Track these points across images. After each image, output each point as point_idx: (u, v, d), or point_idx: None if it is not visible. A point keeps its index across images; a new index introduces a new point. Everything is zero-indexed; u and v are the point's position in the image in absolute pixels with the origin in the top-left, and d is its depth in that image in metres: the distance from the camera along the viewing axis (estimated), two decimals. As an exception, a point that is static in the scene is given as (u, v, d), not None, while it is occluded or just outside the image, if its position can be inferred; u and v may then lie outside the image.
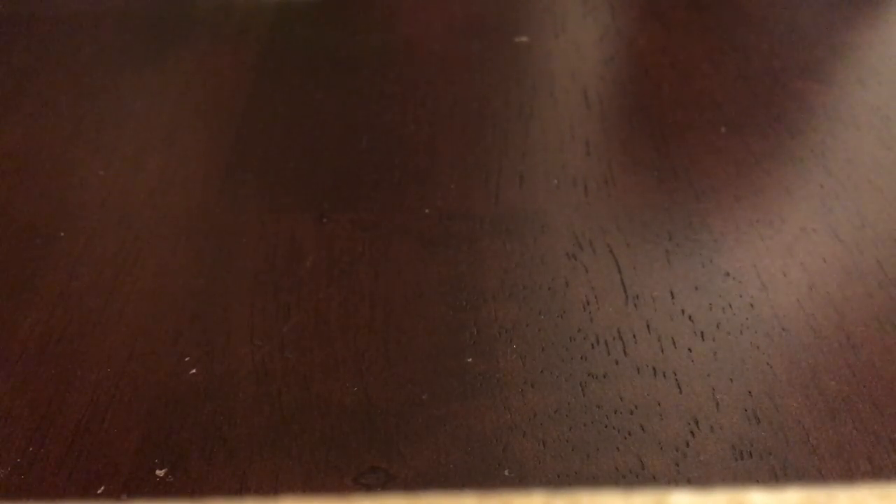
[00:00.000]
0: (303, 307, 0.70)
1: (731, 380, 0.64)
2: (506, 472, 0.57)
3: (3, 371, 0.65)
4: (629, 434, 0.59)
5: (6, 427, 0.61)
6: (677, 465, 0.57)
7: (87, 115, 0.95)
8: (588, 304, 0.70)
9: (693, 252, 0.76)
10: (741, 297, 0.70)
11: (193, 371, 0.65)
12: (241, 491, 0.56)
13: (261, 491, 0.56)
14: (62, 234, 0.78)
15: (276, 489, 0.56)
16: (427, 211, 0.80)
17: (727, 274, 0.73)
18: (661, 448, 0.58)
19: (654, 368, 0.64)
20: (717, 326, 0.68)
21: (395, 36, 1.08)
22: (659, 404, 0.62)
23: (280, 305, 0.70)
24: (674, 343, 0.67)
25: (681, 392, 0.63)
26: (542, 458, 0.58)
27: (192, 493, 0.56)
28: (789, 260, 0.74)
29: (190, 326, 0.69)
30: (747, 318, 0.68)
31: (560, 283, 0.72)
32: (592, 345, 0.66)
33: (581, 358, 0.65)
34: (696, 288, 0.72)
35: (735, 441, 0.59)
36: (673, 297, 0.71)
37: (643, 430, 0.60)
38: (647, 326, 0.68)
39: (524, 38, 1.06)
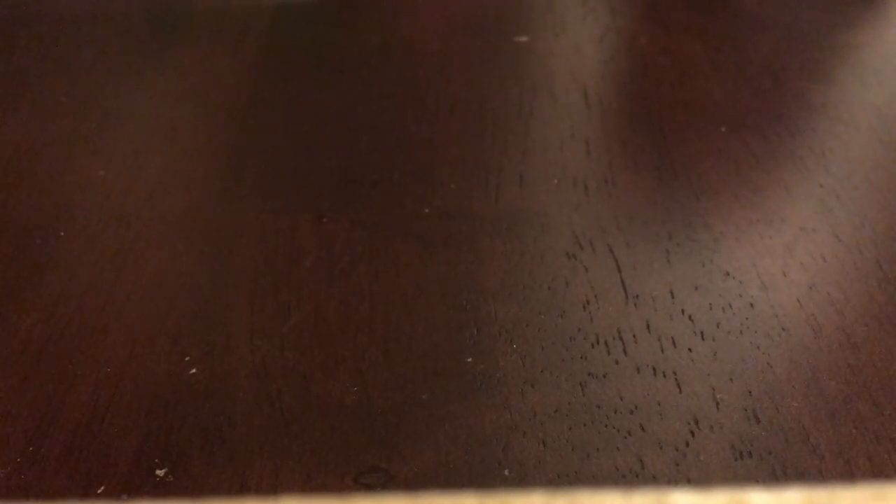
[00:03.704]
0: (303, 307, 0.70)
1: (731, 380, 0.64)
2: (506, 472, 0.57)
3: (3, 371, 0.65)
4: (629, 434, 0.59)
5: (6, 427, 0.61)
6: (677, 465, 0.57)
7: (87, 115, 0.95)
8: (588, 303, 0.70)
9: (693, 252, 0.76)
10: (741, 297, 0.70)
11: (193, 371, 0.65)
12: (241, 491, 0.56)
13: (261, 491, 0.56)
14: (62, 234, 0.78)
15: (276, 489, 0.56)
16: (427, 211, 0.80)
17: (727, 274, 0.73)
18: (661, 448, 0.58)
19: (654, 368, 0.64)
20: (717, 326, 0.68)
21: (395, 36, 1.08)
22: (659, 404, 0.62)
23: (280, 305, 0.70)
24: (674, 343, 0.67)
25: (681, 392, 0.63)
26: (542, 458, 0.58)
27: (192, 493, 0.56)
28: (789, 260, 0.74)
29: (190, 326, 0.69)
30: (747, 318, 0.68)
31: (560, 282, 0.72)
32: (592, 345, 0.66)
33: (581, 358, 0.65)
34: (696, 288, 0.72)
35: (735, 441, 0.59)
36: (673, 297, 0.71)
37: (643, 430, 0.60)
38: (647, 326, 0.68)
39: (524, 38, 1.06)
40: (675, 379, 0.64)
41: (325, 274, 0.73)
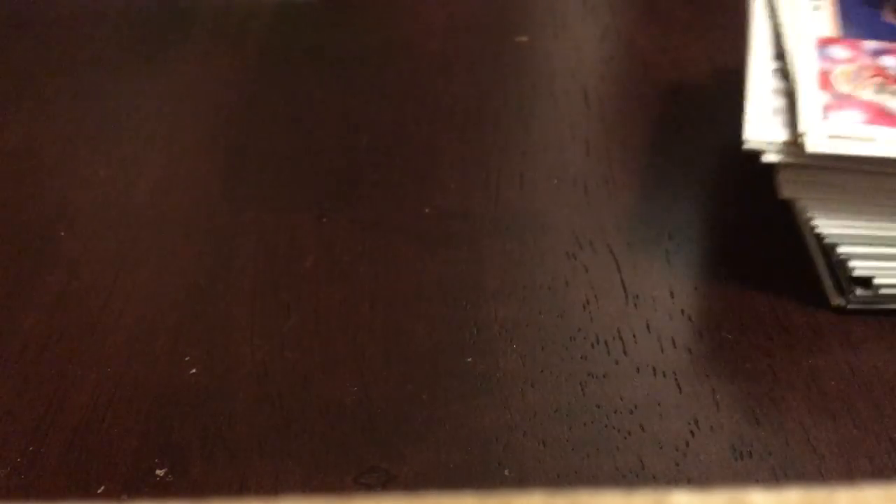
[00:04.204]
0: (303, 307, 0.70)
1: (732, 380, 0.64)
2: (506, 472, 0.57)
3: (3, 371, 0.65)
4: (629, 434, 0.59)
5: (6, 427, 0.61)
6: (677, 465, 0.57)
7: (87, 115, 0.95)
8: (588, 303, 0.70)
9: (693, 252, 0.76)
10: (741, 296, 0.70)
11: (193, 371, 0.65)
12: (241, 491, 0.56)
13: (261, 491, 0.56)
14: (62, 234, 0.79)
15: (276, 489, 0.56)
16: (427, 211, 0.80)
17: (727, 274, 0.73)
18: (661, 448, 0.58)
19: (653, 368, 0.64)
20: (718, 326, 0.68)
21: (395, 36, 1.08)
22: (659, 404, 0.62)
23: (280, 305, 0.70)
24: (674, 343, 0.67)
25: (681, 392, 0.63)
26: (542, 458, 0.58)
27: (192, 493, 0.56)
28: (789, 260, 0.74)
29: (190, 326, 0.69)
30: (748, 318, 0.68)
31: (560, 282, 0.72)
32: (592, 344, 0.66)
33: (581, 358, 0.65)
34: (696, 288, 0.72)
35: (735, 441, 0.59)
36: (673, 297, 0.71)
37: (643, 430, 0.60)
38: (647, 326, 0.68)
39: (524, 38, 1.06)
40: (675, 379, 0.64)
41: (325, 274, 0.74)
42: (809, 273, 0.70)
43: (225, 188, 0.85)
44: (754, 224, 0.77)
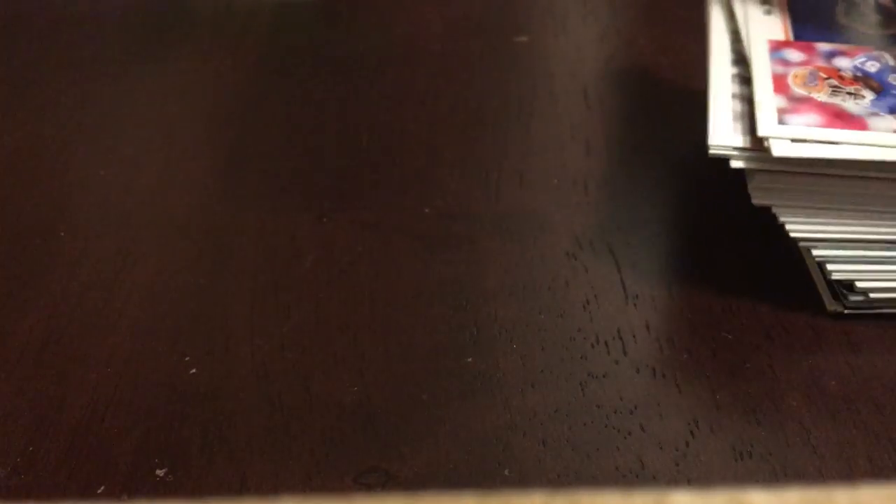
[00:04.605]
0: (303, 307, 0.70)
1: (732, 380, 0.64)
2: (506, 472, 0.57)
3: (3, 371, 0.65)
4: (629, 434, 0.59)
5: (6, 427, 0.61)
6: (677, 465, 0.57)
7: (87, 115, 0.95)
8: (588, 303, 0.70)
9: (693, 252, 0.76)
10: (741, 296, 0.70)
11: (193, 371, 0.65)
12: (241, 491, 0.56)
13: (261, 491, 0.56)
14: (62, 234, 0.79)
15: (276, 489, 0.56)
16: (427, 211, 0.80)
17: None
18: (661, 448, 0.58)
19: (653, 369, 0.64)
20: (718, 326, 0.68)
21: (395, 36, 1.08)
22: (659, 404, 0.62)
23: (280, 305, 0.70)
24: (673, 343, 0.67)
25: (681, 392, 0.63)
26: (542, 458, 0.58)
27: (192, 493, 0.56)
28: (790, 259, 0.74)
29: (190, 326, 0.69)
30: (748, 318, 0.68)
31: (560, 282, 0.72)
32: (592, 344, 0.66)
33: (581, 358, 0.65)
34: (696, 288, 0.72)
35: (735, 441, 0.59)
36: (673, 297, 0.71)
37: (643, 430, 0.60)
38: (647, 326, 0.68)
39: (524, 38, 1.06)
40: (675, 379, 0.64)
41: (325, 274, 0.74)
42: (808, 274, 0.70)
43: (225, 188, 0.85)
44: (755, 224, 0.77)
